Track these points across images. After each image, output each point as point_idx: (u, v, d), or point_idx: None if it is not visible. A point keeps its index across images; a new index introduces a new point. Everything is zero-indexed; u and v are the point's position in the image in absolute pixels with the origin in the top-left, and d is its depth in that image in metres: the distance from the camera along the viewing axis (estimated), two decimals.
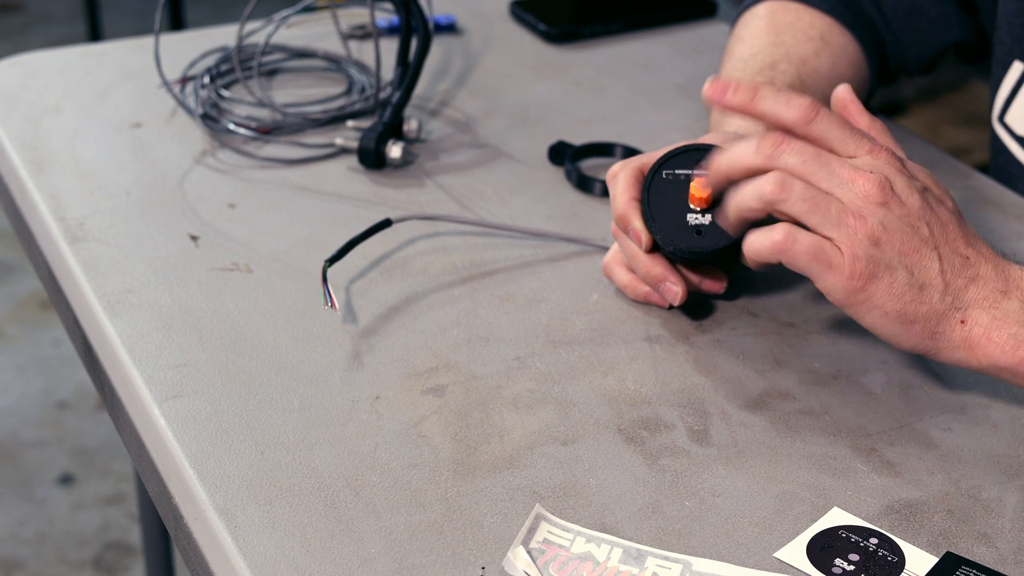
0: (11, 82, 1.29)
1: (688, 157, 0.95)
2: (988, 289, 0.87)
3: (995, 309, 0.87)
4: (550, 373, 0.94)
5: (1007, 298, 0.87)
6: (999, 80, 1.15)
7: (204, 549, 0.82)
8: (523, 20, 1.42)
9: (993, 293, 0.87)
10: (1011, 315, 0.86)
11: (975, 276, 0.87)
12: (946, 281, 0.86)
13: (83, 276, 1.02)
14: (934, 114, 3.24)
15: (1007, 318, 0.86)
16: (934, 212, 0.87)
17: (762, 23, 1.18)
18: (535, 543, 0.81)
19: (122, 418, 0.93)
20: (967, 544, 0.82)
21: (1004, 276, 0.88)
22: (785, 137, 0.86)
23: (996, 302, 0.87)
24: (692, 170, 0.95)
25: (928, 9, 1.20)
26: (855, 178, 0.85)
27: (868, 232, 0.85)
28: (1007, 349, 0.86)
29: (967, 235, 0.88)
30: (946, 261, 0.87)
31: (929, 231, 0.86)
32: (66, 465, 2.39)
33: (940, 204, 0.88)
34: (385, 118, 1.17)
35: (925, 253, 0.86)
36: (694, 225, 0.94)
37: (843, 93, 0.93)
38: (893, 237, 0.85)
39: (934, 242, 0.87)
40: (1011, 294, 0.87)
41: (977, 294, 0.87)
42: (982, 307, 0.87)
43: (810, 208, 0.85)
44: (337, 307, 0.97)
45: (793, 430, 0.90)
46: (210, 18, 3.69)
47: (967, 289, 0.87)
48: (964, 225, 0.89)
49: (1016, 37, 1.12)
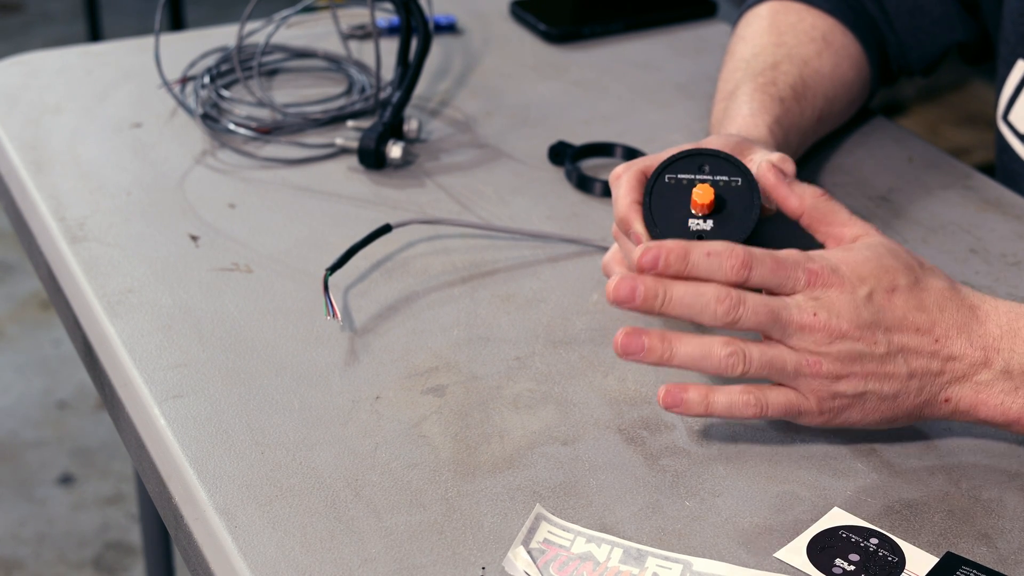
0: (11, 82, 1.29)
1: (691, 161, 0.95)
2: (965, 365, 0.86)
3: (977, 383, 0.86)
4: (550, 373, 0.94)
5: (987, 368, 0.86)
6: (1004, 79, 1.15)
7: (204, 549, 0.82)
8: (523, 20, 1.42)
9: (971, 368, 0.86)
10: (995, 383, 0.86)
11: (948, 357, 0.86)
12: (919, 380, 0.86)
13: (83, 276, 1.02)
14: (934, 114, 3.24)
15: (991, 387, 0.86)
16: (886, 311, 0.85)
17: (764, 23, 1.18)
18: (535, 543, 0.81)
19: (122, 418, 0.93)
20: (967, 544, 0.82)
21: (981, 345, 0.86)
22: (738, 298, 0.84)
23: (976, 374, 0.86)
24: (695, 175, 0.95)
25: (931, 9, 1.19)
26: (802, 324, 0.85)
27: (826, 373, 0.85)
28: (999, 412, 0.87)
29: (927, 307, 0.86)
30: (913, 359, 0.86)
31: (887, 340, 0.85)
32: (66, 465, 2.39)
33: (889, 294, 0.86)
34: (385, 118, 1.17)
35: (889, 365, 0.86)
36: (696, 231, 0.93)
37: (768, 173, 0.93)
38: (851, 367, 0.85)
39: (894, 347, 0.85)
40: (991, 362, 0.86)
41: (955, 373, 0.86)
42: (962, 383, 0.87)
43: (769, 372, 0.85)
44: (339, 317, 0.97)
45: (793, 430, 0.90)
46: (210, 18, 3.69)
47: (942, 374, 0.86)
48: (922, 293, 0.87)
49: (1020, 36, 1.12)
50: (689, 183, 0.95)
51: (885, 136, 1.23)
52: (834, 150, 1.21)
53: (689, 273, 0.84)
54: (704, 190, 0.93)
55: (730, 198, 0.93)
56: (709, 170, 0.94)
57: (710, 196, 0.93)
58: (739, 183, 0.93)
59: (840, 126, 1.22)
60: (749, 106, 1.08)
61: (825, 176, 1.17)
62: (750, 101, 1.09)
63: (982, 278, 1.05)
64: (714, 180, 0.94)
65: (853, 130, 1.24)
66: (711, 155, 0.95)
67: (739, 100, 1.09)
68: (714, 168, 0.94)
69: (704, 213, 0.94)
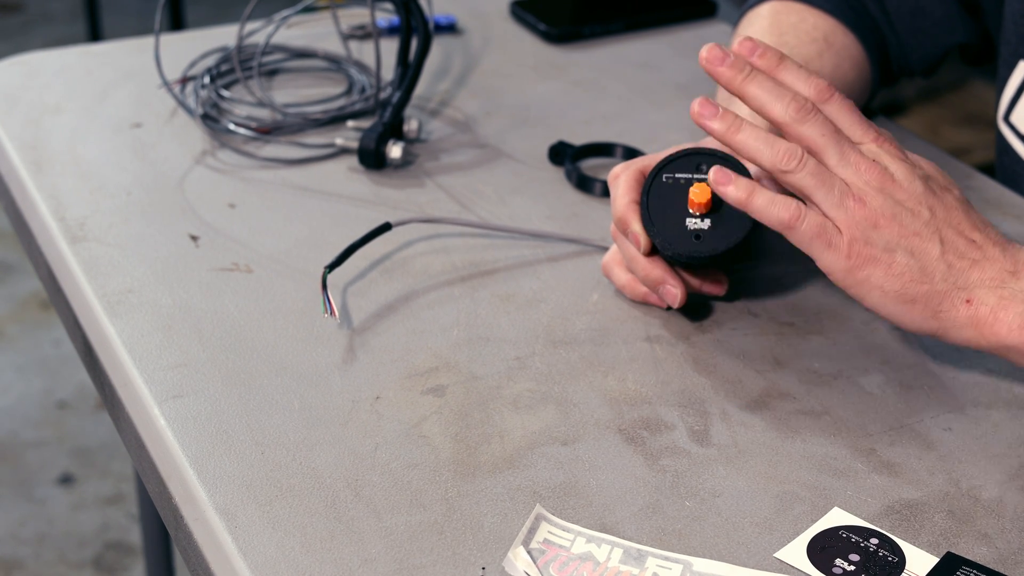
0: (11, 82, 1.29)
1: (688, 161, 0.95)
2: (995, 270, 0.87)
3: (1002, 289, 0.87)
4: (550, 373, 0.94)
5: (1015, 279, 0.87)
6: (1005, 80, 1.15)
7: (204, 549, 0.82)
8: (523, 20, 1.42)
9: (1000, 274, 0.87)
10: (1019, 295, 0.87)
11: (980, 258, 0.88)
12: (948, 262, 0.87)
13: (83, 276, 1.02)
14: (934, 114, 3.24)
15: (1015, 298, 0.87)
16: (937, 197, 0.89)
17: (765, 23, 1.18)
18: (535, 543, 0.81)
19: (122, 418, 0.93)
20: (967, 544, 0.82)
21: (1013, 258, 0.88)
22: (813, 107, 0.89)
23: (1004, 282, 0.87)
24: (692, 174, 0.95)
25: (932, 11, 1.20)
26: (859, 162, 0.88)
27: (867, 215, 0.87)
28: (1014, 328, 0.87)
29: (973, 219, 0.89)
30: (948, 243, 0.88)
31: (931, 214, 0.88)
32: (66, 465, 2.39)
33: (945, 191, 0.90)
34: (385, 118, 1.17)
35: (926, 235, 0.88)
36: (693, 230, 0.94)
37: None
38: (892, 220, 0.87)
39: (935, 225, 0.88)
40: (1020, 275, 0.87)
41: (983, 275, 0.88)
42: (988, 287, 0.87)
43: (815, 184, 0.88)
44: (337, 315, 0.97)
45: (793, 430, 0.90)
46: (210, 18, 3.69)
47: (971, 270, 0.88)
48: (970, 211, 0.90)
49: (1021, 37, 1.12)
50: (687, 182, 0.95)
51: None
52: None
53: (778, 73, 0.90)
54: (701, 189, 0.93)
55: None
56: (706, 169, 0.94)
57: (707, 195, 0.93)
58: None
59: None
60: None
61: None
62: None
63: None
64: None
65: None
66: (708, 155, 0.95)
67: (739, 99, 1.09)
68: (711, 167, 0.94)
69: (702, 212, 0.94)
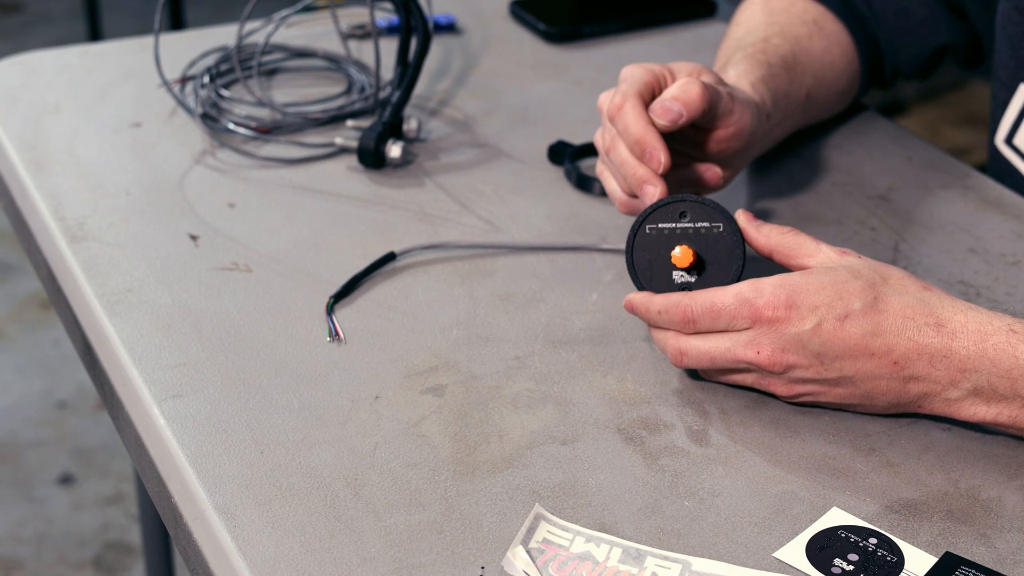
0: (11, 82, 1.29)
1: (670, 209, 0.94)
2: (928, 384, 0.87)
3: (946, 399, 0.87)
4: (550, 373, 0.94)
5: (955, 387, 0.87)
6: (1004, 103, 1.14)
7: (204, 549, 0.82)
8: (523, 20, 1.42)
9: (936, 386, 0.87)
10: (964, 399, 0.87)
11: (909, 378, 0.87)
12: (883, 394, 0.88)
13: (83, 276, 1.02)
14: (934, 114, 3.24)
15: (962, 402, 0.87)
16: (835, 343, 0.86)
17: (758, 8, 1.21)
18: (534, 543, 0.81)
19: (122, 418, 0.93)
20: (966, 544, 0.82)
21: (945, 367, 0.86)
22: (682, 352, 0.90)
23: (943, 392, 0.87)
24: (676, 223, 0.93)
25: (916, 11, 1.20)
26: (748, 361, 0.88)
27: (781, 391, 0.90)
28: (974, 419, 0.88)
29: (886, 337, 0.86)
30: (869, 381, 0.87)
31: (837, 367, 0.87)
32: (66, 465, 2.39)
33: (842, 321, 0.86)
34: (385, 118, 1.17)
35: (841, 387, 0.88)
36: (681, 283, 0.93)
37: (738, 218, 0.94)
38: (804, 387, 0.89)
39: (846, 373, 0.87)
40: (958, 383, 0.86)
41: (920, 390, 0.87)
42: (931, 398, 0.88)
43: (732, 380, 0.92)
44: (343, 338, 0.97)
45: (792, 430, 0.90)
46: (210, 18, 3.69)
47: (907, 391, 0.88)
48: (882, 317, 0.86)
49: (1020, 60, 1.12)
50: (670, 232, 0.93)
51: (885, 136, 1.23)
52: (834, 150, 1.21)
53: (652, 325, 0.92)
54: (683, 252, 0.92)
55: (712, 245, 0.93)
56: (689, 217, 0.93)
57: (689, 258, 0.92)
58: (720, 228, 0.93)
59: (831, 118, 1.23)
60: (736, 69, 1.11)
61: (825, 176, 1.17)
62: (737, 65, 1.11)
63: (981, 278, 1.05)
64: (695, 228, 0.93)
65: (852, 130, 1.24)
66: (690, 201, 0.94)
67: (728, 69, 1.12)
68: (694, 214, 0.93)
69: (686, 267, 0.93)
